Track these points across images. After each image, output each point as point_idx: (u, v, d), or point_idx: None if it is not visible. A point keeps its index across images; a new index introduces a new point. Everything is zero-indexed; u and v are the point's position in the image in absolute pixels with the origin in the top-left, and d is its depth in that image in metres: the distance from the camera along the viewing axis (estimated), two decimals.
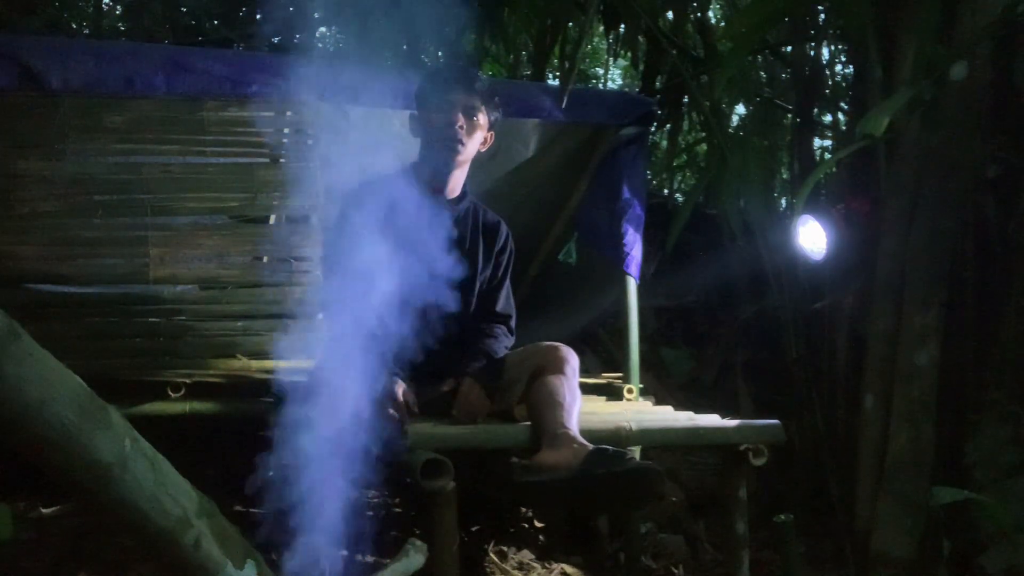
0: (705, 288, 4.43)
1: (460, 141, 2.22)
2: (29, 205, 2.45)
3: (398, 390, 2.08)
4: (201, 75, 2.51)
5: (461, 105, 2.22)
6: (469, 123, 2.23)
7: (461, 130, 2.21)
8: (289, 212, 2.61)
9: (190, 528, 1.18)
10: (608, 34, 4.43)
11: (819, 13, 3.62)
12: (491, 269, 2.39)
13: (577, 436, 1.99)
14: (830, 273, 3.08)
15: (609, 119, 3.01)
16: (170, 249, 2.53)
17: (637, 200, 3.03)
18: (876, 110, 2.45)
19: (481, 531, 2.73)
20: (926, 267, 2.57)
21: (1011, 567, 2.23)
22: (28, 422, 1.00)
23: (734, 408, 3.67)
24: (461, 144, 2.22)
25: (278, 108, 2.58)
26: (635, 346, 3.01)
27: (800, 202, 2.87)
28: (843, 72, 3.93)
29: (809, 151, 3.76)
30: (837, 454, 2.93)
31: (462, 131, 2.21)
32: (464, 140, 2.23)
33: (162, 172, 2.54)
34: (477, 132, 2.26)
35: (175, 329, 2.52)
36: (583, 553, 2.72)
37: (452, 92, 2.23)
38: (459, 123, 2.21)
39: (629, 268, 3.00)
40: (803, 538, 2.78)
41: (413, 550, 1.60)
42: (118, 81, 2.46)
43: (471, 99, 2.24)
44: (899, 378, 2.58)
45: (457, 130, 2.20)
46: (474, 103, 2.24)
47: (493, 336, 2.34)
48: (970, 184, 2.60)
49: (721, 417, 2.43)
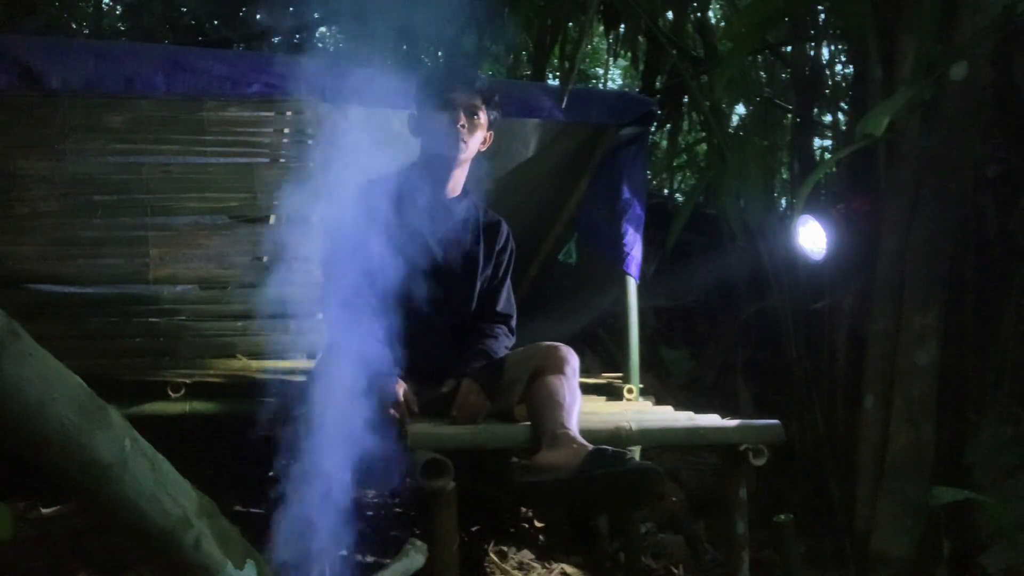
0: (705, 288, 4.44)
1: (462, 140, 2.22)
2: (29, 205, 2.45)
3: (399, 390, 2.08)
4: (201, 75, 2.51)
5: (463, 104, 2.22)
6: (471, 122, 2.24)
7: (463, 129, 2.21)
8: (289, 212, 2.61)
9: (190, 528, 1.18)
10: (608, 34, 4.43)
11: (819, 13, 3.62)
12: (491, 268, 2.39)
13: (577, 436, 1.99)
14: (830, 273, 3.07)
15: (609, 119, 3.01)
16: (170, 249, 2.52)
17: (637, 200, 3.03)
18: (876, 110, 2.45)
19: (481, 531, 2.73)
20: (926, 267, 2.57)
21: (1011, 567, 2.24)
22: (28, 422, 1.00)
23: (734, 408, 3.67)
24: (463, 143, 2.23)
25: (278, 108, 2.58)
26: (635, 346, 3.01)
27: (800, 202, 2.87)
28: (843, 72, 3.93)
29: (809, 151, 3.76)
30: (837, 454, 2.93)
31: (464, 130, 2.22)
32: (466, 139, 2.23)
33: (162, 172, 2.53)
34: (478, 131, 2.26)
35: (175, 329, 2.51)
36: (583, 553, 2.72)
37: (454, 91, 2.23)
38: (461, 122, 2.21)
39: (629, 268, 3.00)
40: (803, 538, 2.78)
41: (413, 550, 1.60)
42: (118, 81, 2.46)
43: (472, 98, 2.24)
44: (899, 378, 2.58)
45: (459, 128, 2.21)
46: (475, 102, 2.25)
47: (493, 336, 2.34)
48: (970, 184, 2.60)
49: (721, 417, 2.43)
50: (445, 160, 2.25)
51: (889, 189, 2.72)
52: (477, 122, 2.25)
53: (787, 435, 2.28)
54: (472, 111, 2.24)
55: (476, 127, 2.25)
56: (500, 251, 2.40)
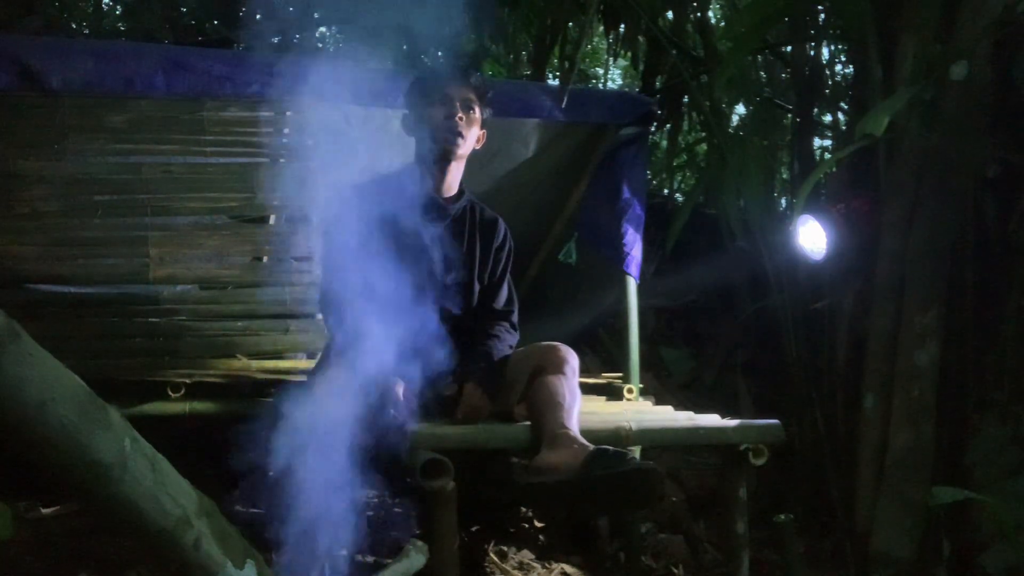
0: (705, 288, 4.43)
1: (460, 134, 2.22)
2: (29, 205, 2.45)
3: (398, 390, 2.08)
4: (201, 75, 2.51)
5: (459, 98, 2.23)
6: (467, 116, 2.24)
7: (461, 122, 2.21)
8: (289, 212, 2.61)
9: (190, 528, 1.18)
10: (608, 34, 4.43)
11: (819, 13, 3.61)
12: (491, 266, 2.39)
13: (577, 436, 1.99)
14: (830, 273, 3.07)
15: (609, 119, 3.02)
16: (170, 249, 2.53)
17: (637, 200, 3.03)
18: (876, 110, 2.45)
19: (481, 531, 2.73)
20: (926, 267, 2.57)
21: (1011, 567, 2.23)
22: (28, 422, 1.00)
23: (734, 408, 3.67)
24: (461, 137, 2.22)
25: (278, 108, 2.58)
26: (635, 346, 3.01)
27: (800, 202, 2.87)
28: (843, 72, 3.93)
29: (809, 151, 3.76)
30: (837, 454, 2.93)
31: (461, 123, 2.21)
32: (464, 132, 2.23)
33: (162, 172, 2.54)
34: (474, 126, 2.27)
35: (175, 329, 2.52)
36: (583, 553, 2.72)
37: (450, 86, 2.23)
38: (458, 115, 2.21)
39: (629, 268, 3.00)
40: (803, 538, 2.78)
41: (414, 551, 1.60)
42: (118, 81, 2.46)
43: (468, 92, 2.25)
44: (899, 378, 2.58)
45: (457, 122, 2.21)
46: (471, 96, 2.25)
47: (496, 336, 2.33)
48: (970, 184, 2.60)
49: (721, 417, 2.43)
50: (442, 155, 2.25)
51: (889, 189, 2.72)
52: (473, 116, 2.25)
53: (787, 435, 2.28)
54: (468, 104, 2.24)
55: (472, 121, 2.25)
56: (499, 248, 2.40)
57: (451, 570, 1.89)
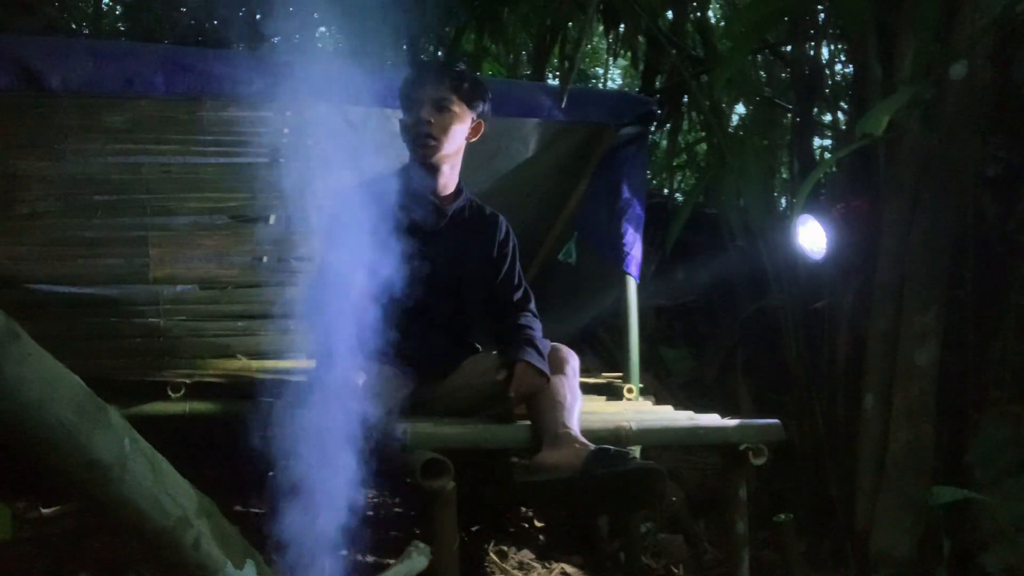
0: (705, 288, 4.43)
1: (430, 136, 2.18)
2: (29, 205, 2.45)
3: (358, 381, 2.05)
4: (200, 75, 2.50)
5: (428, 99, 2.18)
6: (440, 116, 2.19)
7: (430, 125, 2.17)
8: (289, 212, 2.61)
9: (190, 528, 1.18)
10: (608, 34, 4.43)
11: (819, 13, 3.61)
12: (497, 262, 2.37)
13: (578, 436, 1.99)
14: (830, 273, 3.07)
15: (609, 119, 3.01)
16: (170, 249, 2.53)
17: (637, 200, 3.03)
18: (876, 110, 2.45)
19: (481, 531, 2.73)
20: (926, 267, 2.57)
21: (1011, 567, 2.23)
22: (27, 422, 1.00)
23: (734, 408, 3.67)
24: (432, 139, 2.18)
25: (278, 108, 2.58)
26: (635, 346, 3.01)
27: (800, 202, 2.87)
28: (843, 72, 3.92)
29: (809, 151, 3.75)
30: (837, 454, 2.93)
31: (431, 126, 2.17)
32: (436, 135, 2.18)
33: (162, 172, 2.54)
34: (454, 125, 2.21)
35: (175, 329, 2.52)
36: (583, 553, 2.72)
37: (417, 89, 2.20)
38: (427, 119, 2.17)
39: (629, 268, 3.00)
40: (803, 538, 2.78)
41: (416, 552, 1.60)
42: (117, 81, 2.46)
43: (439, 91, 2.19)
44: (899, 378, 2.58)
45: (426, 126, 2.17)
46: (443, 95, 2.19)
47: (527, 325, 2.29)
48: (970, 184, 2.60)
49: (721, 417, 2.43)
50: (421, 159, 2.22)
51: (889, 189, 2.72)
52: (450, 115, 2.20)
53: (787, 435, 2.27)
54: (441, 103, 2.19)
55: (449, 121, 2.20)
56: (502, 243, 2.38)
57: (451, 570, 1.89)
